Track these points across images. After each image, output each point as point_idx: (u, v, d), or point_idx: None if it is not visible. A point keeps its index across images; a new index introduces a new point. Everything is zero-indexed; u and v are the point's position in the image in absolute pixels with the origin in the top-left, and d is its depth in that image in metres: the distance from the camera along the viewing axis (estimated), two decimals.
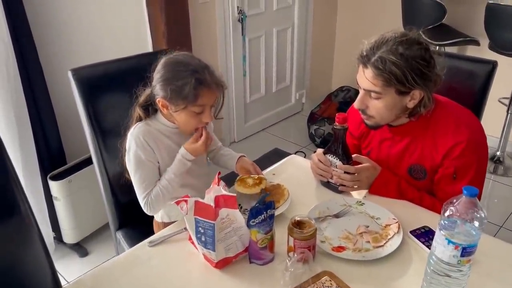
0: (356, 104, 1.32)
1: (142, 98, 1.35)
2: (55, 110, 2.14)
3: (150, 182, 1.32)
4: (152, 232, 1.46)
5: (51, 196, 2.16)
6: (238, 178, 1.35)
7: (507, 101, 2.84)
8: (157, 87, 1.29)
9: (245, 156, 1.49)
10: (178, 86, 1.24)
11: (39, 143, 2.07)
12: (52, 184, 2.11)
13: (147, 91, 1.35)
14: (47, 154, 2.14)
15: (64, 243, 2.28)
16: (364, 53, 1.25)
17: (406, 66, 1.20)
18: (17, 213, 1.10)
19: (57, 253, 2.26)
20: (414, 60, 1.21)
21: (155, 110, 1.36)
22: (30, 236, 1.13)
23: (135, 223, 1.65)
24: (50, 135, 2.13)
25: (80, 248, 2.29)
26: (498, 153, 2.97)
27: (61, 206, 2.16)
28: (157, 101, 1.30)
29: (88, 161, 2.16)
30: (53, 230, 2.24)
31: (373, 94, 1.27)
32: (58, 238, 2.28)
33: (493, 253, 1.12)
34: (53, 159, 2.17)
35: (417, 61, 1.21)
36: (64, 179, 2.12)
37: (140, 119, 1.35)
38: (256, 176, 1.35)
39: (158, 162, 1.35)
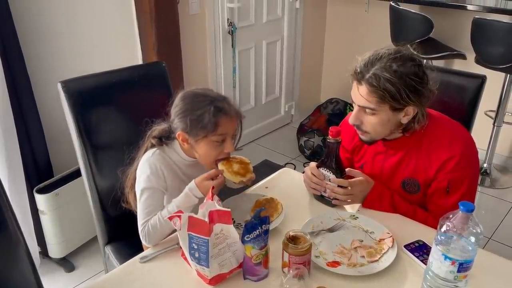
0: (351, 120, 1.33)
1: (156, 132, 1.34)
2: (42, 122, 2.10)
3: (153, 209, 1.27)
4: (141, 247, 1.43)
5: (36, 209, 2.11)
6: (226, 159, 1.31)
7: (493, 114, 2.88)
8: (175, 121, 1.29)
9: None
10: (197, 115, 1.23)
11: (26, 155, 2.02)
12: (39, 198, 2.06)
13: (163, 125, 1.34)
14: (33, 166, 2.09)
15: (50, 258, 2.23)
16: (358, 70, 1.26)
17: (400, 83, 1.21)
18: (4, 229, 1.07)
19: (43, 268, 2.21)
20: (408, 77, 1.22)
21: (168, 139, 1.35)
22: (17, 253, 1.10)
23: (124, 238, 1.62)
24: (37, 147, 2.09)
25: (67, 263, 2.24)
26: (485, 165, 3.01)
27: (48, 220, 2.11)
28: (177, 135, 1.29)
29: (75, 174, 2.13)
30: (39, 245, 2.19)
31: (367, 110, 1.27)
32: (44, 252, 2.23)
33: (484, 266, 1.11)
34: (40, 172, 2.13)
35: (410, 78, 1.22)
36: (51, 192, 2.07)
37: (152, 146, 1.34)
38: (246, 161, 1.32)
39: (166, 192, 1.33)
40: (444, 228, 0.91)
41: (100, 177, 1.56)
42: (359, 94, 1.27)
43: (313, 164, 1.40)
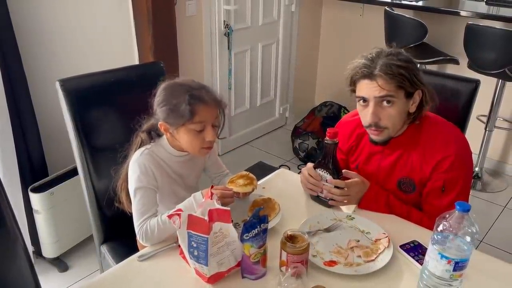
0: (369, 119, 1.32)
1: (145, 127, 1.36)
2: (38, 121, 2.09)
3: (148, 208, 1.28)
4: (137, 247, 1.43)
5: (30, 208, 2.10)
6: (228, 180, 1.35)
7: (485, 119, 2.93)
8: (157, 111, 1.30)
9: None
10: (174, 105, 1.25)
11: (21, 154, 2.02)
12: (33, 197, 2.05)
13: (152, 120, 1.36)
14: (28, 165, 2.08)
15: (44, 258, 2.22)
16: (365, 67, 1.29)
17: (409, 67, 1.29)
18: (2, 226, 1.07)
19: (36, 267, 2.15)
20: (410, 63, 1.30)
21: (158, 135, 1.36)
22: (15, 250, 1.10)
23: (120, 237, 1.62)
24: (32, 146, 2.08)
25: (60, 263, 2.22)
26: (476, 169, 3.05)
27: (42, 219, 2.10)
28: (159, 125, 1.31)
29: (71, 173, 2.13)
30: (32, 244, 2.18)
31: (384, 103, 1.29)
32: (37, 252, 2.22)
33: (477, 267, 1.13)
34: (35, 171, 2.12)
35: (412, 63, 1.31)
36: (46, 192, 2.06)
37: (142, 143, 1.35)
38: (245, 173, 1.35)
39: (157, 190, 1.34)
40: (440, 228, 0.93)
41: (97, 177, 1.56)
42: (377, 85, 1.28)
43: (310, 165, 1.41)
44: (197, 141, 1.29)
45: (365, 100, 1.32)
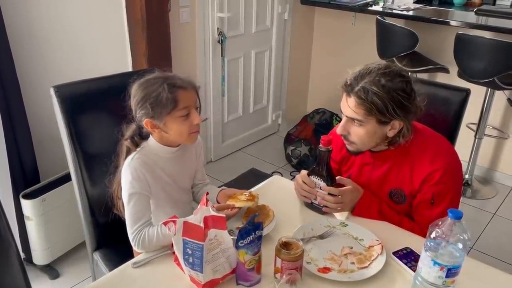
0: (338, 130, 1.36)
1: (128, 133, 1.35)
2: (30, 127, 2.08)
3: (142, 214, 1.29)
4: (131, 252, 1.43)
5: (21, 215, 2.08)
6: (230, 198, 1.36)
7: (474, 127, 2.97)
8: (138, 112, 1.30)
9: (225, 188, 1.50)
10: (155, 98, 1.26)
11: (13, 160, 2.00)
12: (25, 203, 2.04)
13: (133, 126, 1.36)
14: (20, 171, 2.07)
15: (34, 265, 2.20)
16: (348, 82, 1.29)
17: (387, 97, 1.24)
18: None
19: None
20: (395, 92, 1.25)
21: (141, 138, 1.36)
22: (8, 258, 1.10)
23: (113, 244, 1.62)
24: (24, 152, 2.06)
25: (51, 270, 2.20)
26: (466, 176, 3.09)
27: (33, 226, 2.08)
28: (144, 124, 1.30)
29: (62, 180, 2.12)
30: (23, 251, 2.16)
31: (355, 122, 1.31)
32: (28, 259, 2.19)
33: (469, 273, 1.14)
34: (26, 177, 2.10)
35: (398, 93, 1.25)
36: (38, 198, 2.04)
37: (129, 151, 1.35)
38: (247, 193, 1.37)
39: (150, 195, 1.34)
40: (433, 235, 0.95)
41: (90, 183, 1.56)
42: (348, 106, 1.30)
43: (304, 172, 1.42)
44: (185, 127, 1.30)
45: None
